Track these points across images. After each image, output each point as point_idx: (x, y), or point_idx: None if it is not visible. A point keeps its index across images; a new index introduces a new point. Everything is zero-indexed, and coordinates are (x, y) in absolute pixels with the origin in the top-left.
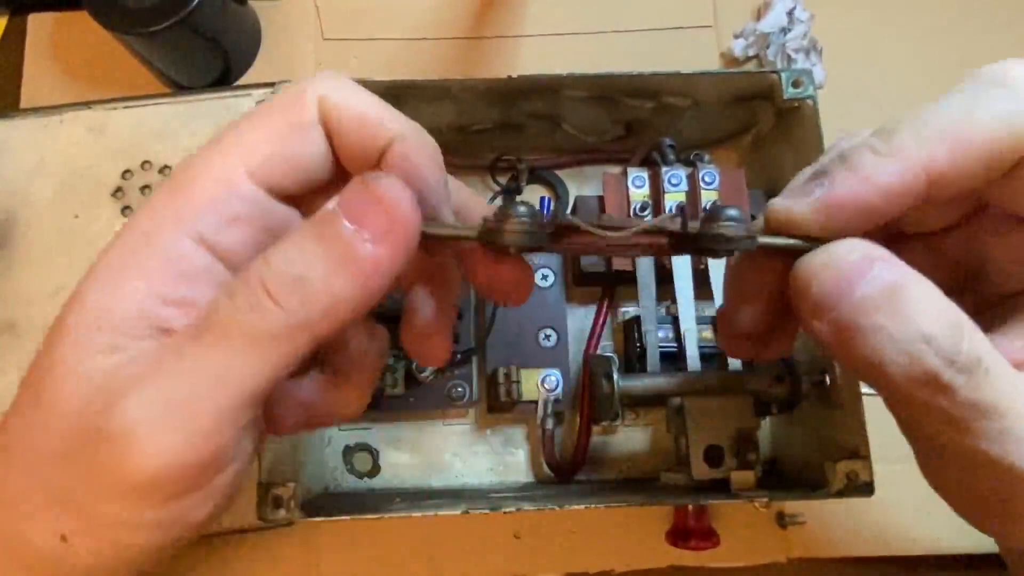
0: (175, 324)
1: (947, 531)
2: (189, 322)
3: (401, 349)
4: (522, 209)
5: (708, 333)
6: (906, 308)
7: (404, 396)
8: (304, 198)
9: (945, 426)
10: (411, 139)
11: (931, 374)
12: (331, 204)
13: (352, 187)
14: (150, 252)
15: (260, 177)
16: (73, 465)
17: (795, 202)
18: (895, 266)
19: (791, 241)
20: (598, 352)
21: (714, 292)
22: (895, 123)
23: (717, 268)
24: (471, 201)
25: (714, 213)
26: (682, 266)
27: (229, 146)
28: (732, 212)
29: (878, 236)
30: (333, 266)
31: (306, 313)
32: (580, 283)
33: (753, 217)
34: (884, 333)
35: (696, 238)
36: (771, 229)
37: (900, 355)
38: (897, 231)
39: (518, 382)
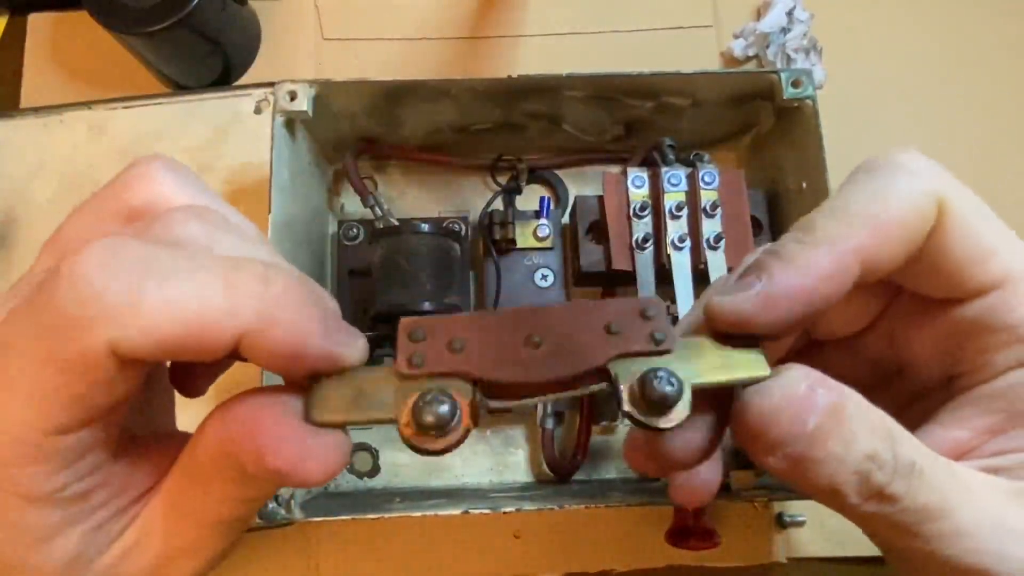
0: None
1: None
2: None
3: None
4: (441, 412)
5: None
6: (848, 429)
7: None
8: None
9: (901, 534)
10: (257, 340)
11: (877, 488)
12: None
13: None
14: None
15: (55, 430)
16: None
17: (738, 298)
18: (831, 386)
19: (734, 377)
20: None
21: None
22: (813, 215)
23: (717, 269)
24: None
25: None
26: (682, 266)
27: (9, 397)
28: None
29: (800, 343)
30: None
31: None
32: (580, 283)
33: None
34: (834, 459)
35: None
36: (714, 326)
37: (850, 476)
38: (814, 339)
39: None
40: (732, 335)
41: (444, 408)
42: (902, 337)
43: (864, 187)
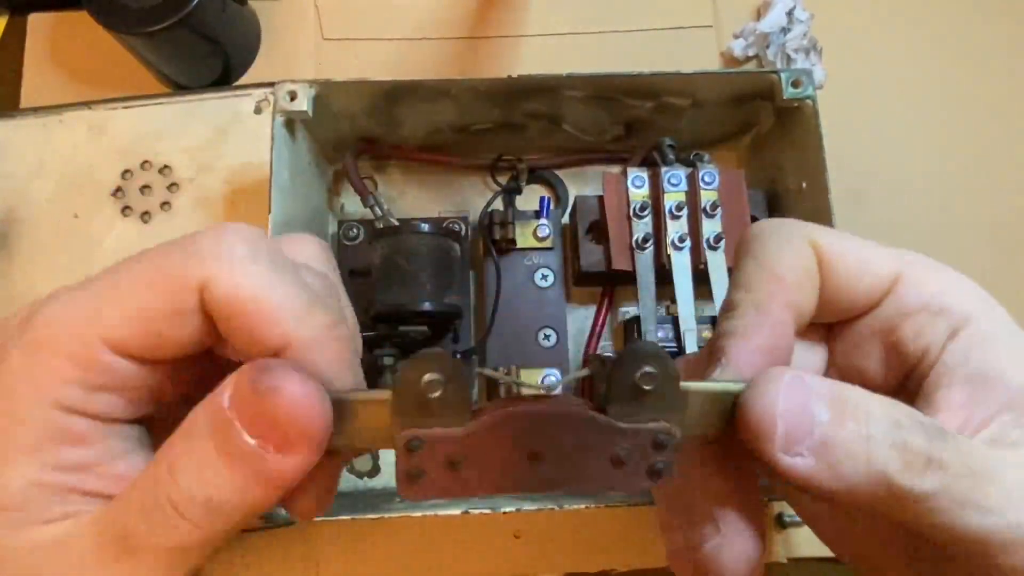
0: (85, 486)
1: None
2: (99, 484)
3: (399, 348)
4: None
5: (708, 333)
6: (859, 405)
7: None
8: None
9: (957, 512)
10: (310, 347)
11: (923, 455)
12: (224, 399)
13: (242, 388)
14: (21, 429)
15: (124, 350)
16: None
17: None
18: (819, 378)
19: (722, 386)
20: (598, 352)
21: (713, 292)
22: (736, 297)
23: (717, 269)
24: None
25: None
26: (682, 266)
27: (90, 309)
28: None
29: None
30: (242, 484)
31: (222, 525)
32: (580, 283)
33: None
34: (861, 437)
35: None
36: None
37: (889, 450)
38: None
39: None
40: None
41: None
42: (855, 367)
43: (757, 258)
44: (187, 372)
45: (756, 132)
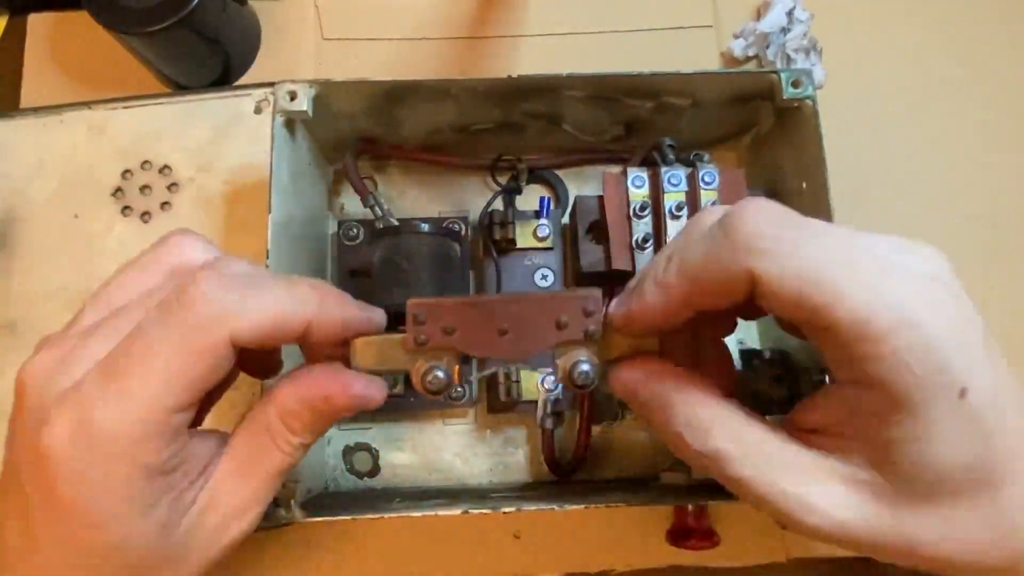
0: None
1: None
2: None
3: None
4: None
5: None
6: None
7: (404, 396)
8: None
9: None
10: (319, 322)
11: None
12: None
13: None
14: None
15: (183, 408)
16: None
17: (616, 311)
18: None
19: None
20: None
21: None
22: (662, 262)
23: None
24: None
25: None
26: None
27: (150, 400)
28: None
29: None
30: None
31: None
32: (580, 283)
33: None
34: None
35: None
36: (612, 325)
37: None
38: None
39: (518, 382)
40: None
41: (440, 375)
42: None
43: (698, 247)
44: None
45: (756, 132)
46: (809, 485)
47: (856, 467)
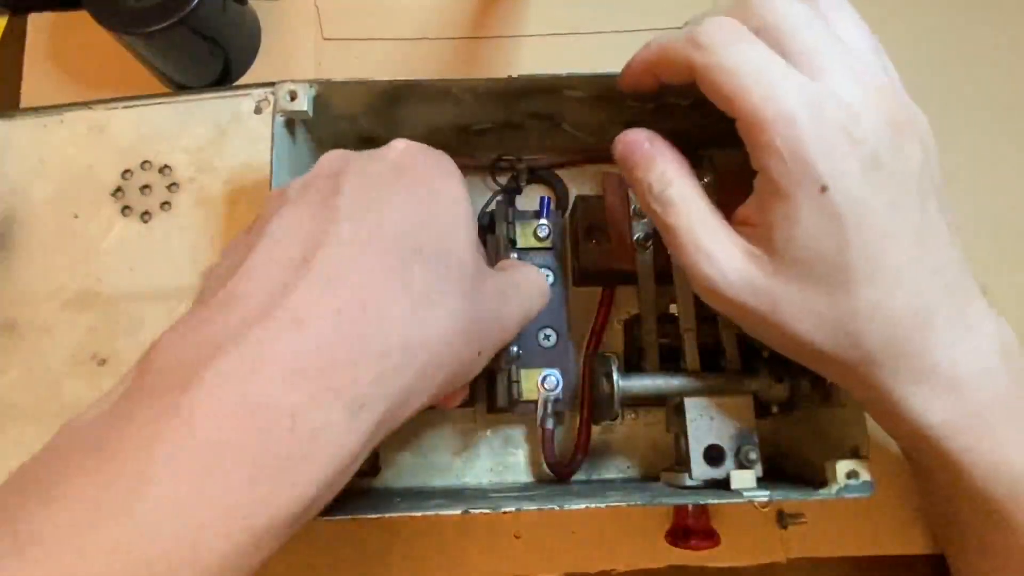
0: None
1: None
2: None
3: None
4: None
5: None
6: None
7: None
8: None
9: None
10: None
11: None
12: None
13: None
14: None
15: None
16: None
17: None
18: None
19: None
20: (598, 352)
21: None
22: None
23: None
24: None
25: None
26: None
27: None
28: None
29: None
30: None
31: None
32: (580, 283)
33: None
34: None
35: None
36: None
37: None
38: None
39: (518, 382)
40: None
41: None
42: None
43: (673, 35)
44: None
45: None
46: (718, 245)
47: (754, 246)
